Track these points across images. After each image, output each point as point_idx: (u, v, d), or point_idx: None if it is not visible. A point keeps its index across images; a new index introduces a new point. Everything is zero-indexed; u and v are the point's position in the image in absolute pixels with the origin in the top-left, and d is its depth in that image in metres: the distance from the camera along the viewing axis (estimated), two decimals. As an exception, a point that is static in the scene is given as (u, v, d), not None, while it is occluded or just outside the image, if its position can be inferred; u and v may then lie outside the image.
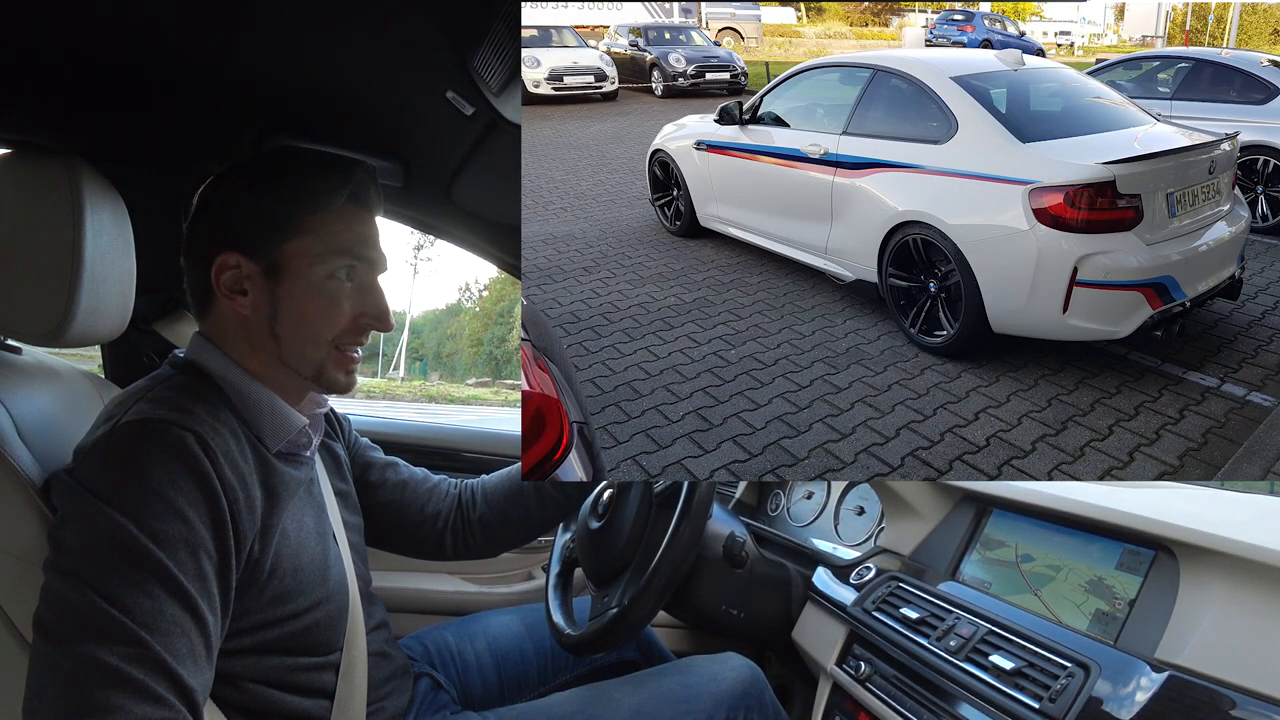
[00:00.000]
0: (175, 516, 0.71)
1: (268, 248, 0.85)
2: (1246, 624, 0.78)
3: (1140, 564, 0.94)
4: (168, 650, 0.67)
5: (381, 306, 0.91)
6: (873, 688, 1.07)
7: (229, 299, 0.86)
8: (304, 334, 0.87)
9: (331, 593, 0.89)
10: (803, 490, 1.63)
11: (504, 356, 29.83)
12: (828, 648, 1.19)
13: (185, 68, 0.95)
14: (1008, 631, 0.95)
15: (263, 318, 0.86)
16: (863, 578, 1.21)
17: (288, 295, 0.86)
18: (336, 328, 0.88)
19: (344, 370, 0.90)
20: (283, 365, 0.88)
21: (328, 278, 0.86)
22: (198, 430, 0.75)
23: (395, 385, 26.01)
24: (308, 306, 0.86)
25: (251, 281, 0.86)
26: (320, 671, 0.89)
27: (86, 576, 0.67)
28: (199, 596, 0.71)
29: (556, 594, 1.26)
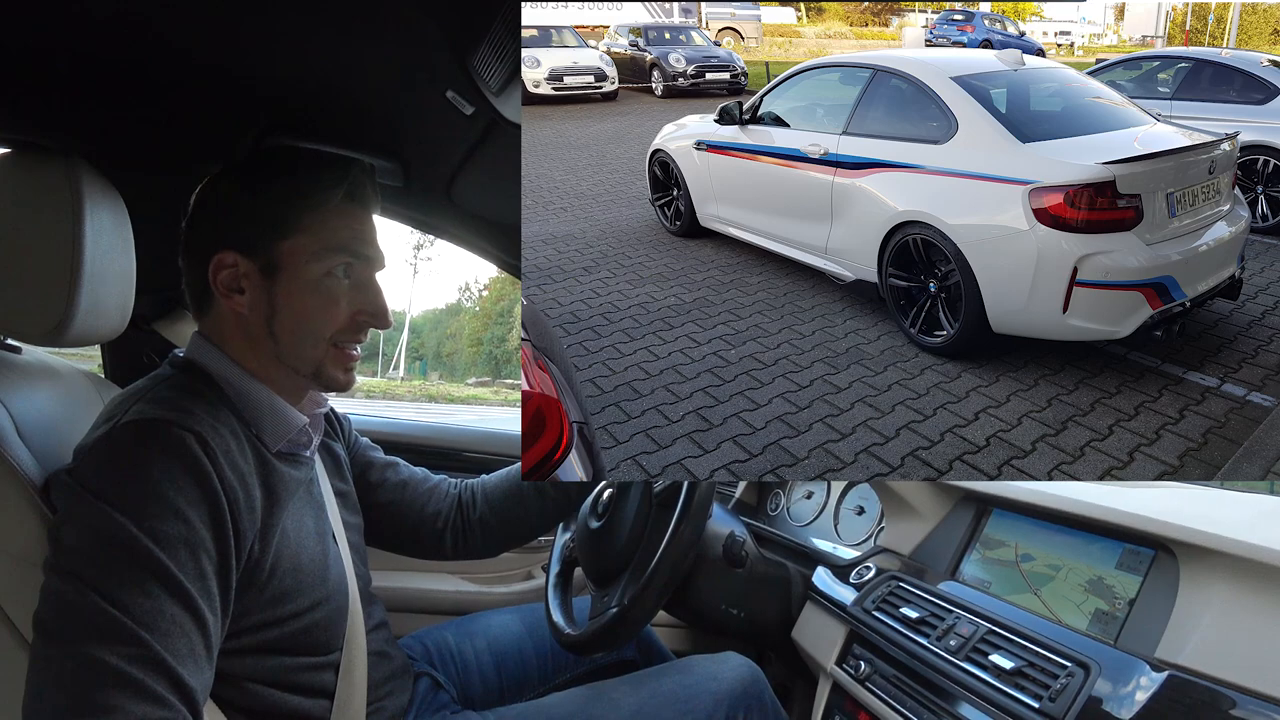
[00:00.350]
0: (175, 516, 0.71)
1: (265, 246, 0.85)
2: (1246, 624, 0.78)
3: (1140, 564, 0.94)
4: (167, 650, 0.67)
5: (379, 304, 0.91)
6: (872, 687, 1.07)
7: (227, 298, 0.86)
8: (302, 332, 0.87)
9: (331, 593, 0.89)
10: (803, 490, 1.63)
11: (504, 356, 29.83)
12: (827, 647, 1.19)
13: (185, 67, 0.95)
14: (1008, 631, 0.95)
15: (260, 316, 0.86)
16: (863, 577, 1.21)
17: (285, 293, 0.86)
18: (334, 325, 0.88)
19: (343, 368, 0.90)
20: (281, 364, 0.88)
21: (325, 275, 0.87)
22: (198, 430, 0.75)
23: (395, 385, 26.02)
24: (305, 304, 0.86)
25: (249, 280, 0.86)
26: (320, 671, 0.89)
27: (86, 576, 0.67)
28: (199, 596, 0.71)
29: (556, 594, 1.26)
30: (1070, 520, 1.05)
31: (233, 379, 0.86)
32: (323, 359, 0.88)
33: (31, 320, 0.86)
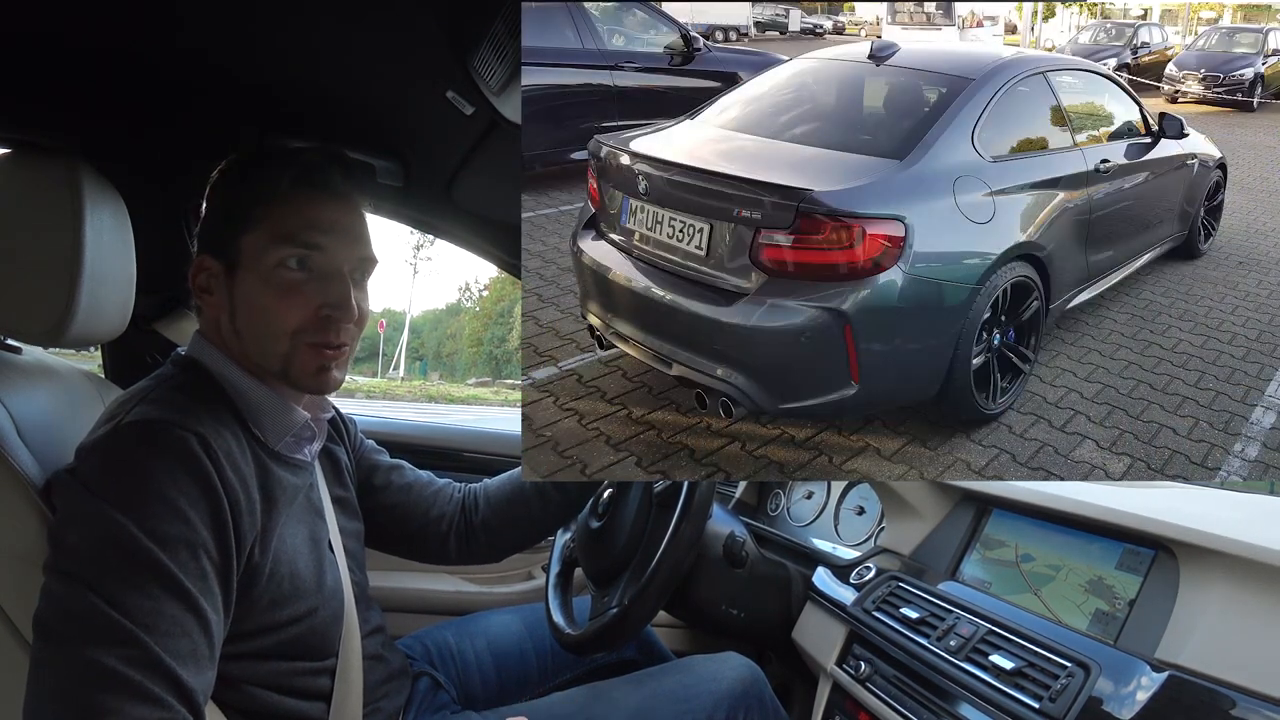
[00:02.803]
0: (177, 517, 0.71)
1: (226, 245, 0.85)
2: (1246, 624, 0.78)
3: (1140, 564, 0.94)
4: (167, 651, 0.67)
5: (338, 295, 0.85)
6: (873, 687, 1.07)
7: (201, 299, 0.87)
8: (260, 328, 0.85)
9: (326, 599, 0.89)
10: (803, 490, 1.63)
11: (504, 356, 29.83)
12: (828, 647, 1.19)
13: (185, 67, 0.95)
14: (1008, 631, 0.95)
15: (226, 315, 0.86)
16: (863, 577, 1.21)
17: (242, 289, 0.85)
18: (294, 321, 0.84)
19: (313, 367, 0.86)
20: (258, 362, 0.87)
21: (276, 266, 0.83)
22: (200, 431, 0.75)
23: (395, 385, 26.00)
24: (261, 299, 0.84)
25: (216, 280, 0.86)
26: (315, 676, 0.89)
27: (86, 577, 0.67)
28: (201, 596, 0.71)
29: (556, 594, 1.26)
30: (1070, 520, 1.05)
31: (231, 377, 0.86)
32: (288, 356, 0.85)
33: (31, 320, 0.86)
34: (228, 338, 0.87)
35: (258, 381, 0.87)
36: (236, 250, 0.85)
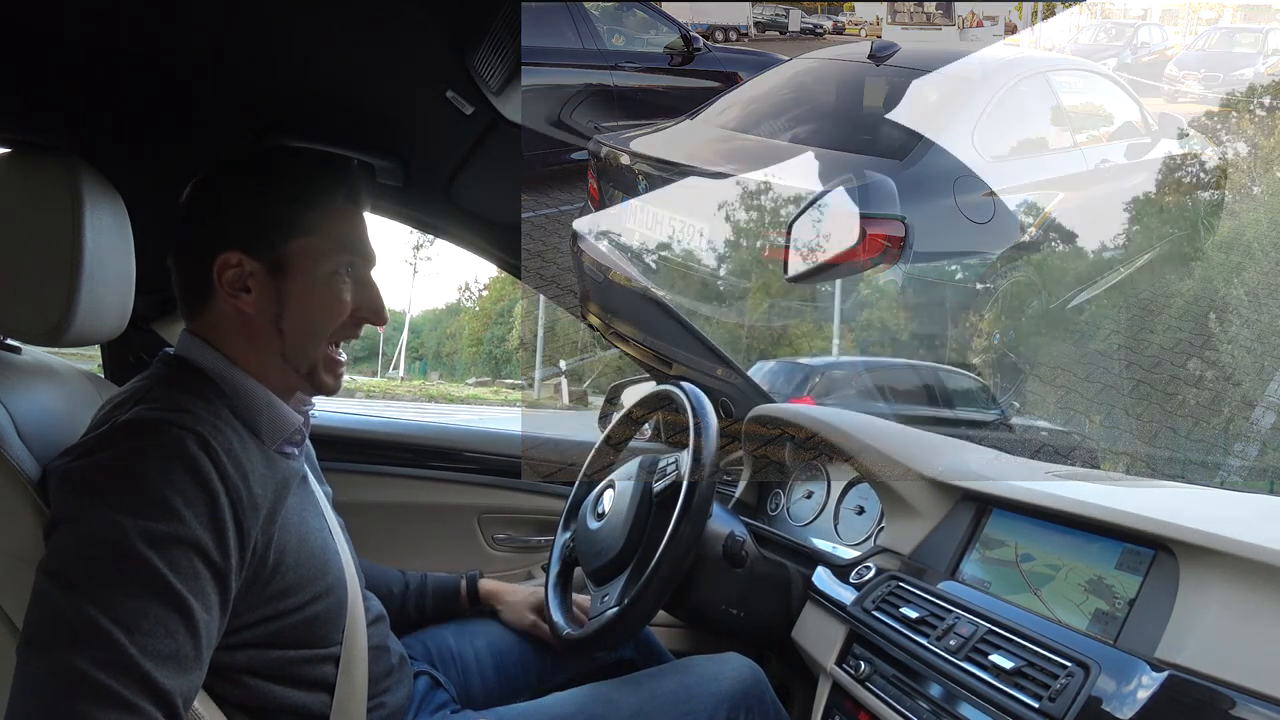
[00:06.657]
0: (170, 516, 0.71)
1: (272, 246, 0.87)
2: (1246, 624, 0.78)
3: (1140, 563, 0.94)
4: (145, 652, 0.67)
5: (377, 301, 0.94)
6: (872, 687, 1.07)
7: (233, 297, 0.87)
8: (307, 329, 0.89)
9: (331, 585, 0.90)
10: (803, 490, 1.63)
11: (504, 356, 29.80)
12: (828, 647, 1.19)
13: (185, 67, 0.95)
14: (1007, 631, 0.95)
15: (268, 315, 0.87)
16: (862, 577, 1.21)
17: (293, 292, 0.88)
18: (336, 322, 0.90)
19: (333, 373, 0.93)
20: (282, 362, 0.89)
21: (332, 274, 0.89)
22: (198, 430, 0.76)
23: (395, 385, 25.97)
24: (313, 302, 0.88)
25: (255, 279, 0.87)
26: (320, 664, 0.89)
27: (72, 577, 0.68)
28: (191, 596, 0.71)
29: (556, 594, 1.26)
30: (1070, 520, 1.04)
31: (230, 376, 0.86)
32: (319, 359, 0.90)
33: (31, 320, 0.86)
34: (257, 336, 0.88)
35: (258, 383, 0.88)
36: (284, 253, 0.87)
